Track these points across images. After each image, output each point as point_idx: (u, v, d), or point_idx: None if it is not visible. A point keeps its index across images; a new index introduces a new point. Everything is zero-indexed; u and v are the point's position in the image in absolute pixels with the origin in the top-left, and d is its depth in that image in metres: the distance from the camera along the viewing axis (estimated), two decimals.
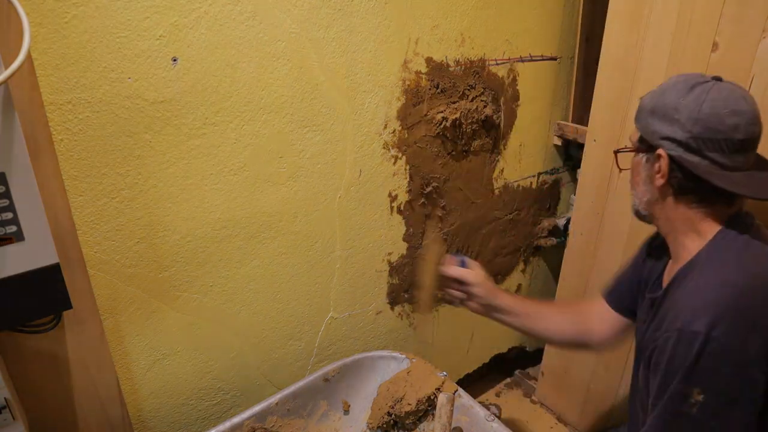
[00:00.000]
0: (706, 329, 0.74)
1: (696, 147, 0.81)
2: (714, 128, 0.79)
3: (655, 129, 0.85)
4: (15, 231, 0.75)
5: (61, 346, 0.93)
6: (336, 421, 1.22)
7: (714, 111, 0.79)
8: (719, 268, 0.81)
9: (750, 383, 0.74)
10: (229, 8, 0.95)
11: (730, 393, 0.74)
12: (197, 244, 1.07)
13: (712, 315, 0.74)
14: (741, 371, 0.74)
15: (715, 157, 0.80)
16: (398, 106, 1.27)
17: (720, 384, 0.74)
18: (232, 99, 1.01)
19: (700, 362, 0.74)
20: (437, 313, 1.65)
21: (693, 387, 0.75)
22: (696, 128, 0.80)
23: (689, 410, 0.75)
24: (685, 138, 0.81)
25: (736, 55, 1.13)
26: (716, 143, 0.80)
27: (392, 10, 1.17)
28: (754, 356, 0.73)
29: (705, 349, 0.74)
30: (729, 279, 0.78)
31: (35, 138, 0.80)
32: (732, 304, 0.75)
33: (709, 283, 0.79)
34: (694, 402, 0.75)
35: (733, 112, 0.79)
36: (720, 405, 0.74)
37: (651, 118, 0.86)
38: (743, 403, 0.74)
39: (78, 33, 0.82)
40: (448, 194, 1.48)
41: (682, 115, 0.81)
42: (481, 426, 1.11)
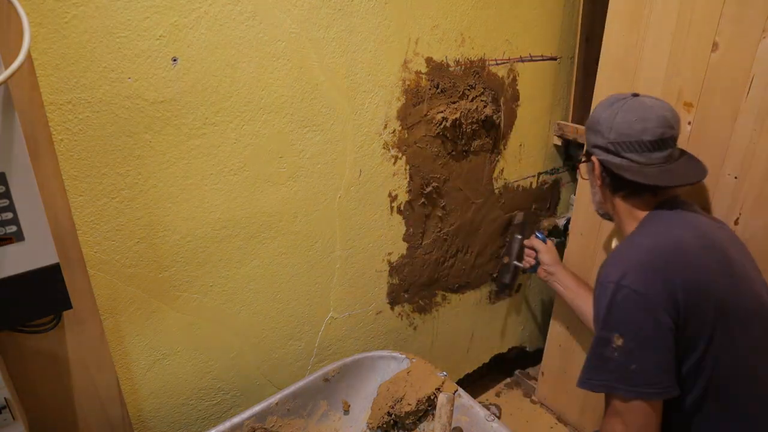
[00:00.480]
0: (617, 278, 0.89)
1: (615, 150, 1.01)
2: (625, 133, 0.99)
3: (589, 140, 1.08)
4: (15, 231, 0.75)
5: (61, 346, 0.93)
6: (336, 421, 1.22)
7: (624, 120, 0.99)
8: (636, 236, 0.98)
9: (657, 324, 0.86)
10: (229, 8, 0.95)
11: (642, 334, 0.86)
12: (197, 244, 1.07)
13: (622, 268, 0.90)
14: (648, 314, 0.86)
15: (632, 157, 1.00)
16: (398, 106, 1.27)
17: (632, 326, 0.87)
18: (232, 99, 1.01)
19: (613, 307, 0.89)
20: (437, 313, 1.65)
21: (612, 332, 0.88)
22: (612, 135, 1.01)
23: (611, 354, 0.88)
24: (605, 144, 1.02)
25: (736, 55, 1.13)
26: (629, 145, 0.99)
27: (392, 10, 1.17)
28: (659, 301, 0.86)
29: (616, 295, 0.88)
30: (641, 242, 0.95)
31: (35, 138, 0.80)
32: (638, 258, 0.91)
33: (626, 246, 0.96)
34: (615, 347, 0.87)
35: (640, 119, 0.98)
36: (636, 347, 0.86)
37: (588, 132, 1.08)
38: (655, 344, 0.86)
39: (78, 33, 0.83)
40: (448, 194, 1.48)
41: (602, 126, 1.02)
42: (481, 426, 1.11)
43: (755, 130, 1.14)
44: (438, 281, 1.59)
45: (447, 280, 1.61)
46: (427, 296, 1.59)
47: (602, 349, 0.89)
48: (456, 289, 1.66)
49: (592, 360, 0.92)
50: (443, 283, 1.60)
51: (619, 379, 0.87)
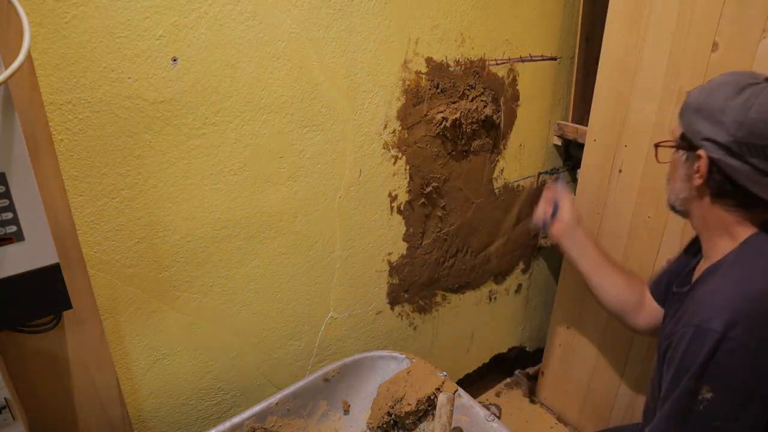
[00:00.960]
0: (724, 328, 0.74)
1: (738, 151, 0.78)
2: (760, 134, 0.76)
3: (698, 128, 0.83)
4: (15, 231, 0.75)
5: (61, 346, 0.93)
6: (336, 421, 1.22)
7: (762, 117, 0.76)
8: (744, 271, 0.80)
9: (761, 386, 0.74)
10: (229, 8, 0.95)
11: (740, 393, 0.74)
12: (197, 244, 1.07)
13: (731, 315, 0.74)
14: (754, 373, 0.73)
15: (757, 163, 0.78)
16: (398, 106, 1.27)
17: (731, 383, 0.74)
18: (232, 99, 1.01)
19: (713, 360, 0.74)
20: (437, 313, 1.65)
21: (703, 384, 0.75)
22: (740, 133, 0.77)
23: (696, 407, 0.76)
24: (727, 141, 0.79)
25: (736, 55, 1.13)
26: (760, 149, 0.77)
27: (392, 10, 1.17)
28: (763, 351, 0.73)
29: (720, 347, 0.74)
30: (752, 282, 0.78)
31: (35, 138, 0.80)
32: (752, 306, 0.75)
33: (732, 284, 0.79)
34: (701, 399, 0.75)
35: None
36: (728, 405, 0.74)
37: (695, 116, 0.84)
38: (752, 407, 0.74)
39: (78, 33, 0.83)
40: (448, 194, 1.48)
41: (727, 118, 0.79)
42: (481, 426, 1.11)
43: None
44: (438, 281, 1.59)
45: (447, 280, 1.61)
46: (427, 296, 1.59)
47: (687, 402, 0.78)
48: (456, 289, 1.66)
49: (672, 411, 0.80)
50: (443, 283, 1.60)
51: None
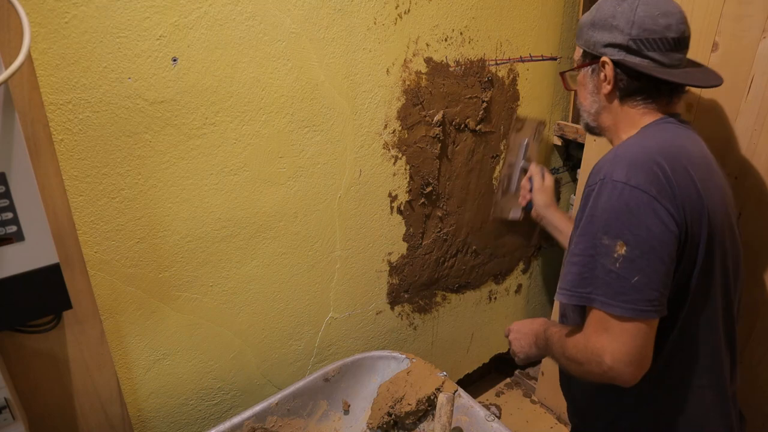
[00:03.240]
0: (624, 178, 0.78)
1: (636, 48, 0.87)
2: (649, 29, 0.86)
3: (596, 39, 0.92)
4: (15, 231, 0.75)
5: (61, 346, 0.93)
6: (336, 421, 1.22)
7: (647, 13, 0.86)
8: (640, 136, 0.87)
9: (667, 231, 0.77)
10: (229, 8, 0.95)
11: (650, 241, 0.76)
12: (197, 244, 1.07)
13: (627, 167, 0.79)
14: (658, 219, 0.76)
15: (655, 56, 0.87)
16: (398, 106, 1.27)
17: (641, 232, 0.76)
18: (232, 99, 1.01)
19: (620, 209, 0.77)
20: (437, 313, 1.65)
21: (615, 239, 0.77)
22: (633, 30, 0.87)
23: (611, 265, 0.77)
24: (625, 41, 0.87)
25: (736, 55, 1.13)
26: (653, 43, 0.86)
27: (392, 10, 1.17)
28: (669, 206, 0.77)
29: (623, 194, 0.77)
30: (644, 143, 0.84)
31: (35, 138, 0.80)
32: (646, 159, 0.80)
33: (629, 144, 0.85)
34: (617, 256, 0.77)
35: (664, 13, 0.86)
36: (640, 256, 0.76)
37: (591, 30, 0.92)
38: (661, 254, 0.77)
39: (78, 33, 0.83)
40: (448, 194, 1.48)
41: (619, 21, 0.88)
42: (481, 426, 1.11)
43: (755, 130, 1.14)
44: (438, 281, 1.59)
45: (447, 280, 1.61)
46: (427, 296, 1.59)
47: (599, 258, 0.78)
48: (456, 289, 1.66)
49: (581, 268, 0.80)
50: (443, 283, 1.60)
51: (615, 294, 0.76)
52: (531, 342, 1.02)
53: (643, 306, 0.75)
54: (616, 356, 0.76)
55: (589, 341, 0.80)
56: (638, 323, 0.76)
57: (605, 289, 0.77)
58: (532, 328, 1.03)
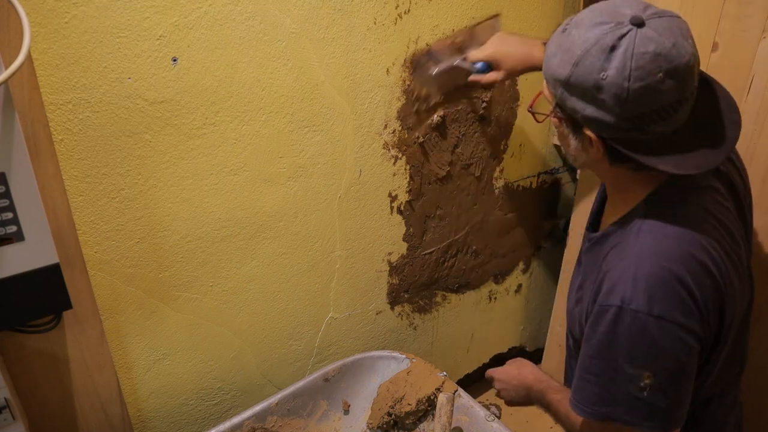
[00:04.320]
0: (646, 307, 0.70)
1: (631, 127, 0.69)
2: (648, 102, 0.66)
3: (574, 107, 0.71)
4: (15, 231, 0.75)
5: (61, 346, 0.93)
6: (336, 421, 1.22)
7: (645, 83, 0.65)
8: (654, 234, 0.74)
9: (690, 352, 0.72)
10: (229, 8, 0.95)
11: (675, 367, 0.72)
12: (197, 244, 1.07)
13: (646, 288, 0.70)
14: (683, 344, 0.72)
15: (656, 129, 0.69)
16: (398, 106, 1.27)
17: (667, 362, 0.72)
18: (232, 99, 1.01)
19: (644, 340, 0.71)
20: (437, 313, 1.65)
21: (640, 369, 0.72)
22: (627, 111, 0.67)
23: (638, 393, 0.73)
24: (615, 122, 0.69)
25: (736, 55, 1.13)
26: (654, 115, 0.67)
27: (392, 10, 1.17)
28: (692, 325, 0.72)
29: (648, 326, 0.70)
30: (662, 251, 0.73)
31: (35, 138, 0.80)
32: (668, 276, 0.71)
33: (644, 254, 0.73)
34: (644, 386, 0.72)
35: (668, 73, 0.65)
36: (667, 382, 0.73)
37: (566, 92, 0.71)
38: (686, 374, 0.74)
39: (78, 33, 0.82)
40: (448, 194, 1.48)
41: (607, 96, 0.67)
42: (481, 426, 1.11)
43: (755, 130, 1.14)
44: (438, 281, 1.59)
45: (447, 280, 1.61)
46: (427, 296, 1.59)
47: (621, 384, 0.73)
48: (456, 289, 1.66)
49: (599, 389, 0.75)
50: (443, 283, 1.60)
51: (643, 418, 0.73)
52: (523, 395, 1.01)
53: (674, 424, 0.75)
54: None
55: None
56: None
57: (630, 411, 0.74)
58: (522, 381, 1.01)
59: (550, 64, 0.74)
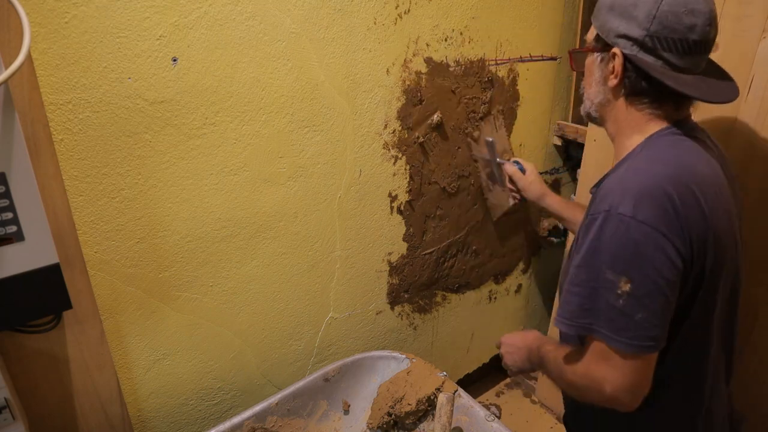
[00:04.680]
0: (631, 211, 0.74)
1: (651, 46, 0.80)
2: (671, 27, 0.78)
3: (611, 26, 0.83)
4: (15, 231, 0.75)
5: (61, 346, 0.93)
6: (336, 421, 1.22)
7: (672, 9, 0.78)
8: (648, 157, 0.81)
9: (673, 268, 0.74)
10: (229, 8, 0.95)
11: (655, 279, 0.74)
12: (197, 244, 1.07)
13: (634, 198, 0.75)
14: (665, 255, 0.74)
15: (670, 58, 0.80)
16: (398, 106, 1.27)
17: (647, 270, 0.74)
18: (232, 99, 1.01)
19: (626, 244, 0.74)
20: (437, 313, 1.65)
21: (620, 275, 0.74)
22: (653, 26, 0.79)
23: (614, 301, 0.75)
24: (641, 36, 0.80)
25: (736, 55, 1.13)
26: (672, 43, 0.79)
27: (392, 10, 1.17)
28: (677, 241, 0.74)
29: (631, 230, 0.74)
30: (654, 169, 0.78)
31: (35, 138, 0.80)
32: (654, 188, 0.75)
33: (637, 169, 0.79)
34: (621, 293, 0.74)
35: (691, 11, 0.78)
36: (645, 294, 0.74)
37: (609, 14, 0.84)
38: (665, 291, 0.75)
39: (78, 33, 0.83)
40: (448, 194, 1.48)
41: (640, 12, 0.79)
42: (481, 426, 1.11)
43: (755, 130, 1.14)
44: (438, 281, 1.59)
45: (447, 280, 1.61)
46: (427, 296, 1.59)
47: (601, 292, 0.76)
48: (456, 289, 1.66)
49: (581, 299, 0.78)
50: (443, 283, 1.60)
51: (618, 329, 0.75)
52: (524, 357, 1.01)
53: (646, 342, 0.75)
54: (617, 386, 0.76)
55: (589, 369, 0.79)
56: (639, 357, 0.76)
57: (608, 323, 0.76)
58: (525, 343, 1.02)
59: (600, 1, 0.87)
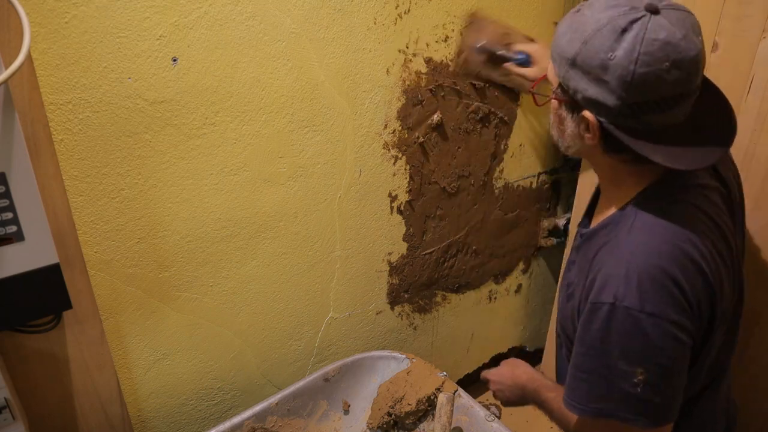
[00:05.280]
0: (639, 304, 0.70)
1: (630, 113, 0.69)
2: (651, 89, 0.67)
3: (577, 86, 0.72)
4: (15, 231, 0.75)
5: (61, 346, 0.93)
6: (336, 421, 1.22)
7: (652, 69, 0.66)
8: (644, 231, 0.75)
9: (682, 348, 0.73)
10: (229, 8, 0.95)
11: (668, 364, 0.73)
12: (197, 244, 1.07)
13: (637, 285, 0.71)
14: (675, 340, 0.72)
15: (652, 119, 0.70)
16: (398, 106, 1.27)
17: (660, 359, 0.72)
18: (232, 99, 1.01)
19: (637, 338, 0.72)
20: (437, 313, 1.65)
21: (634, 366, 0.72)
22: (630, 95, 0.68)
23: (632, 389, 0.73)
24: (616, 106, 0.69)
25: (736, 55, 1.13)
26: (655, 105, 0.68)
27: (392, 10, 1.17)
28: (684, 322, 0.72)
29: (641, 323, 0.71)
30: (652, 243, 0.73)
31: (35, 138, 0.80)
32: (658, 272, 0.71)
33: (635, 248, 0.74)
34: (637, 381, 0.72)
35: (676, 64, 0.66)
36: (661, 379, 0.73)
37: (572, 71, 0.71)
38: (678, 369, 0.74)
39: (78, 33, 0.83)
40: (448, 194, 1.48)
41: (611, 77, 0.67)
42: (481, 426, 1.11)
43: (755, 130, 1.14)
44: (438, 281, 1.59)
45: (447, 280, 1.61)
46: (427, 296, 1.59)
47: (615, 381, 0.74)
48: (456, 289, 1.66)
49: (591, 386, 0.76)
50: (443, 283, 1.60)
51: (636, 414, 0.74)
52: (518, 395, 1.01)
53: (667, 419, 0.75)
54: None
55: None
56: (659, 428, 0.76)
57: (624, 407, 0.74)
58: (516, 382, 1.01)
59: (559, 42, 0.74)
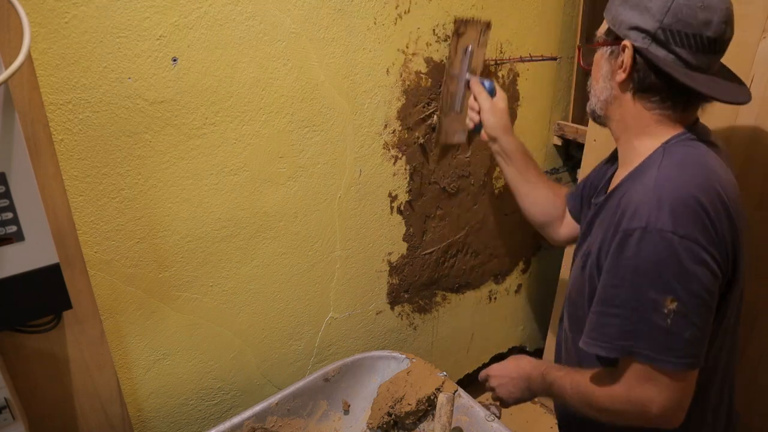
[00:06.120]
0: (672, 226, 0.71)
1: (664, 39, 0.77)
2: (685, 21, 0.75)
3: (623, 18, 0.81)
4: (15, 231, 0.75)
5: (61, 346, 0.93)
6: (336, 421, 1.22)
7: (687, 2, 0.75)
8: (674, 165, 0.77)
9: (714, 280, 0.73)
10: (229, 8, 0.95)
11: (700, 294, 0.72)
12: (197, 244, 1.07)
13: (671, 211, 0.72)
14: (707, 269, 0.72)
15: (682, 53, 0.77)
16: (398, 106, 1.27)
17: (693, 286, 0.71)
18: (232, 99, 1.01)
19: (670, 262, 0.71)
20: (437, 313, 1.65)
21: (664, 294, 0.71)
22: (667, 19, 0.76)
23: (661, 321, 0.72)
24: (653, 28, 0.77)
25: (736, 55, 1.13)
26: (685, 38, 0.76)
27: (392, 10, 1.17)
28: (715, 252, 0.73)
29: (674, 246, 0.70)
30: (683, 179, 0.75)
31: (35, 138, 0.80)
32: (690, 198, 0.73)
33: (667, 178, 0.75)
34: (667, 312, 0.71)
35: (707, 7, 0.75)
36: (692, 310, 0.72)
37: (622, 6, 0.81)
38: (710, 305, 0.73)
39: (78, 33, 0.83)
40: (448, 194, 1.48)
41: (654, 4, 0.77)
42: (481, 426, 1.11)
43: (755, 130, 1.14)
44: (438, 281, 1.59)
45: (447, 280, 1.61)
46: (427, 296, 1.59)
47: (642, 313, 0.72)
48: (456, 289, 1.66)
49: (622, 320, 0.74)
50: (443, 283, 1.60)
51: (665, 349, 0.72)
52: (522, 387, 0.98)
53: (695, 360, 0.73)
54: (664, 406, 0.74)
55: (631, 392, 0.76)
56: (688, 373, 0.74)
57: (652, 343, 0.73)
58: (520, 373, 0.99)
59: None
